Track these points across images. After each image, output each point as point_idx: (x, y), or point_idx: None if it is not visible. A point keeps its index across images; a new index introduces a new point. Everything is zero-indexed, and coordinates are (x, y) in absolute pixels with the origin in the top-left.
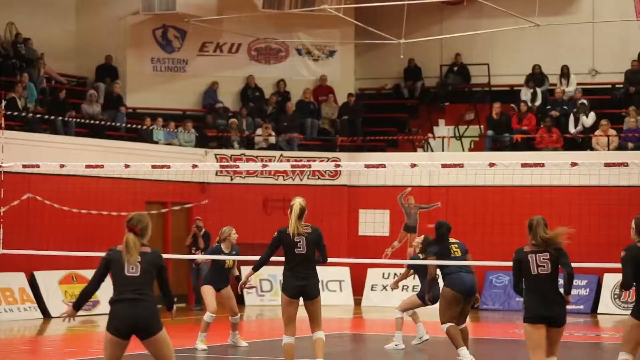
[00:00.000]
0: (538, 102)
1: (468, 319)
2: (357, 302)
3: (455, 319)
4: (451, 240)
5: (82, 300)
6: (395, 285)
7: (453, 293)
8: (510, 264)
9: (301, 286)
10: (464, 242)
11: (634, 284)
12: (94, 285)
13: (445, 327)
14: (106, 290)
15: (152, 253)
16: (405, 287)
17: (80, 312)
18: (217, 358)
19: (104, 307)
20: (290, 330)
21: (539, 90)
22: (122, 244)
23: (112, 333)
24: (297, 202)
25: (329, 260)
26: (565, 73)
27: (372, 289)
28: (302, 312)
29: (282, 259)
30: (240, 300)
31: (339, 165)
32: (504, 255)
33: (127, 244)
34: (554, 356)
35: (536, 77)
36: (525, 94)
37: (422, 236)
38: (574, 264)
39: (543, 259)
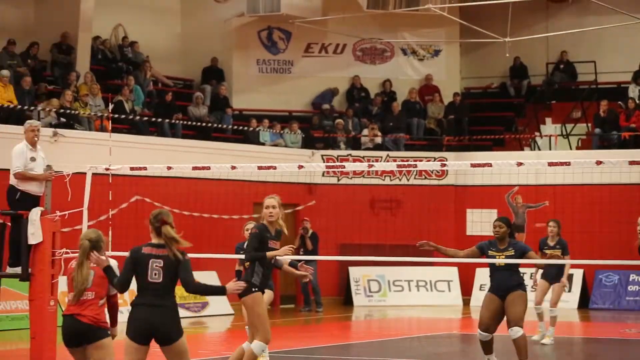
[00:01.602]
0: None
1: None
2: (466, 302)
3: None
4: None
5: None
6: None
7: None
8: (620, 262)
9: None
10: (572, 241)
11: None
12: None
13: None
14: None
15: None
16: None
17: (189, 314)
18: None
19: (214, 309)
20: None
21: None
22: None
23: (131, 338)
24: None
25: (436, 260)
26: None
27: (480, 289)
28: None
29: (389, 259)
30: (349, 301)
31: (445, 165)
32: (612, 254)
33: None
34: None
35: None
36: (633, 91)
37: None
38: None
39: None
